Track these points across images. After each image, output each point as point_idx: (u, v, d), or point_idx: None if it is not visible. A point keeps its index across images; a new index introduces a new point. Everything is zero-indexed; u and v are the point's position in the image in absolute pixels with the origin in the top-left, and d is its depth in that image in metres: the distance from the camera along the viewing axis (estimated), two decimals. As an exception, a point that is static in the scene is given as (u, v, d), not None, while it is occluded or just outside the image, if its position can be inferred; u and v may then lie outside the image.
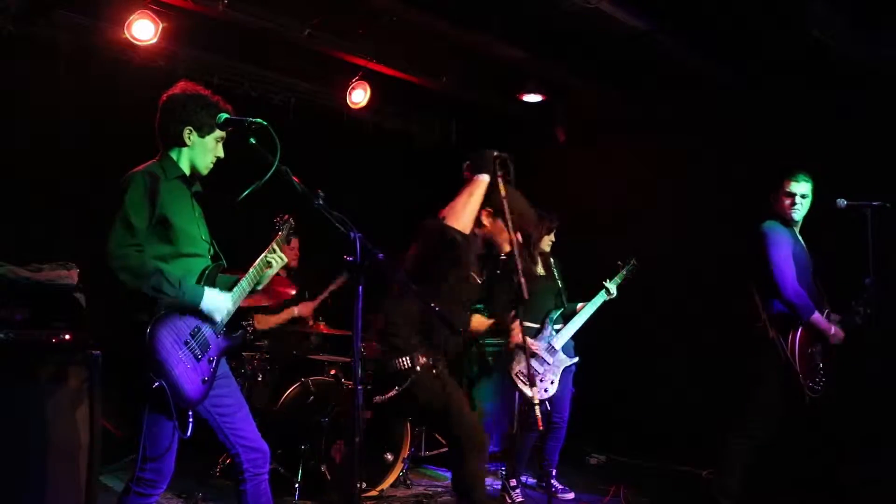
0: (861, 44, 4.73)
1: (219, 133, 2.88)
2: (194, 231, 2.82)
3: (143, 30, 4.83)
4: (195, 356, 2.69)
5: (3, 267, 3.26)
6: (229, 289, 2.87)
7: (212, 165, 2.90)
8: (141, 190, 2.66)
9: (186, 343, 2.68)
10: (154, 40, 4.88)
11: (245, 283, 2.90)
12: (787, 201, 3.93)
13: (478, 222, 3.19)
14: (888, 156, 4.67)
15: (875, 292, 3.92)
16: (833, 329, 3.88)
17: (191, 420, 2.69)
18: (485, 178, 3.09)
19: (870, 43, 4.71)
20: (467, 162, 3.19)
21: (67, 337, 3.28)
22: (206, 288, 2.73)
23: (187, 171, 2.87)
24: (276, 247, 2.97)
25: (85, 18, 5.00)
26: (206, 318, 2.73)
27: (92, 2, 4.94)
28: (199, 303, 2.68)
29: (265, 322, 5.31)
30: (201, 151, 2.85)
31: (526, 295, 2.98)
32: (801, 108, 5.13)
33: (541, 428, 3.05)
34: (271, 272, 2.97)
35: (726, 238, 4.19)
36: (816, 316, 3.82)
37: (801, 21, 4.51)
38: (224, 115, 2.82)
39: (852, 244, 4.01)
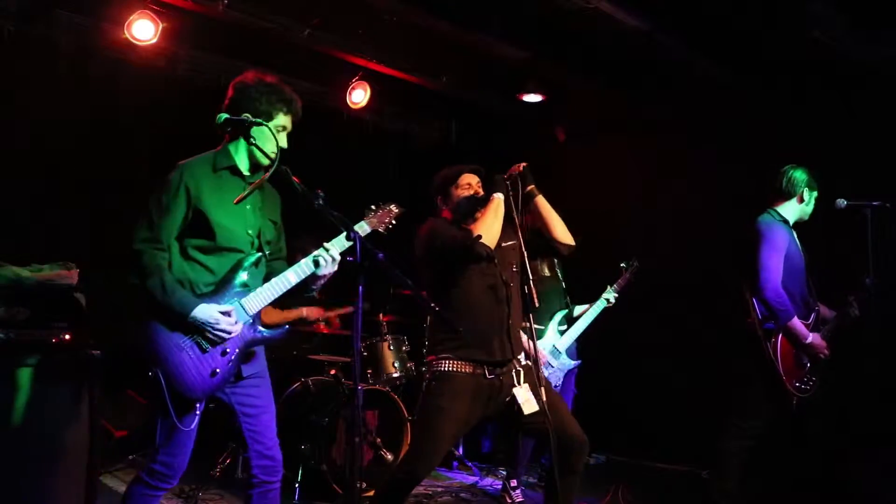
0: (861, 44, 4.72)
1: (280, 121, 2.79)
2: (235, 224, 2.75)
3: (143, 30, 4.82)
4: (200, 347, 2.64)
5: (3, 267, 3.26)
6: (263, 281, 2.80)
7: (274, 156, 2.72)
8: (173, 187, 2.66)
9: (191, 334, 2.64)
10: (154, 40, 4.88)
11: (290, 275, 2.77)
12: (809, 207, 3.96)
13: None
14: (888, 156, 4.66)
15: (875, 292, 3.91)
16: (810, 338, 3.76)
17: (197, 413, 2.65)
18: (501, 197, 3.40)
19: (870, 43, 4.71)
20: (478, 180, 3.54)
21: (67, 337, 3.29)
22: (200, 302, 2.63)
23: (243, 162, 2.80)
24: (328, 244, 2.80)
25: (85, 18, 4.99)
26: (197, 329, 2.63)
27: (92, 2, 4.93)
28: (188, 313, 2.60)
29: (271, 317, 5.26)
30: (260, 141, 2.75)
31: (536, 303, 3.27)
32: (801, 107, 5.13)
33: None
34: (320, 271, 2.78)
35: (726, 238, 4.18)
36: (795, 321, 3.73)
37: (801, 21, 4.51)
38: (224, 116, 2.75)
39: (852, 244, 4.00)
